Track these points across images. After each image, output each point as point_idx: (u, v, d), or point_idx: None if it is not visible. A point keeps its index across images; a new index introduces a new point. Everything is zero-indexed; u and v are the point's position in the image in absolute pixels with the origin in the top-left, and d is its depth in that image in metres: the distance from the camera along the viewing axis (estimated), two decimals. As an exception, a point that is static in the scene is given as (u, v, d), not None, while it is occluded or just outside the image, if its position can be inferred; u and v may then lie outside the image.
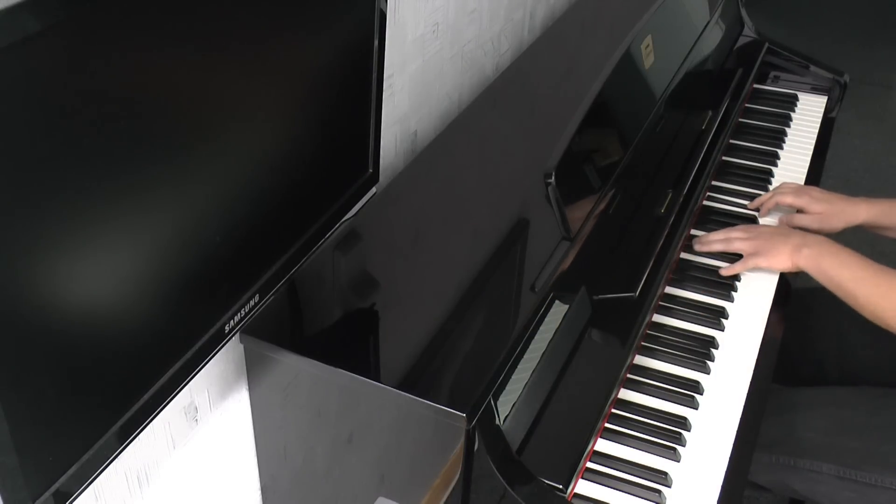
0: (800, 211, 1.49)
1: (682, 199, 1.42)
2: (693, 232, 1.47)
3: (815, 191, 1.49)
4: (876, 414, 1.33)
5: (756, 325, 1.30)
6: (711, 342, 1.27)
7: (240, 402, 1.16)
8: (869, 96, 3.33)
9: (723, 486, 1.08)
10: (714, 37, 1.80)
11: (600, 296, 1.23)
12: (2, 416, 0.65)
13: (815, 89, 1.88)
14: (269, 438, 1.19)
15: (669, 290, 1.36)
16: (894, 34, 3.83)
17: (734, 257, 1.39)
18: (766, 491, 1.42)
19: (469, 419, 0.95)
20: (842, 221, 1.45)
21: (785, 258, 1.33)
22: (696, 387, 1.20)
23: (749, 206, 1.54)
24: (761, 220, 1.51)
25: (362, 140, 1.11)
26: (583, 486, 1.06)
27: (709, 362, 1.24)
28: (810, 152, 1.71)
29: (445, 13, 1.45)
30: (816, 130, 1.77)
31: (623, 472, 1.08)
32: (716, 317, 1.31)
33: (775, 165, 1.66)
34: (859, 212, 1.44)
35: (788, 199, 1.48)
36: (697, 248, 1.41)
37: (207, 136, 0.81)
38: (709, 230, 1.48)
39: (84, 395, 0.75)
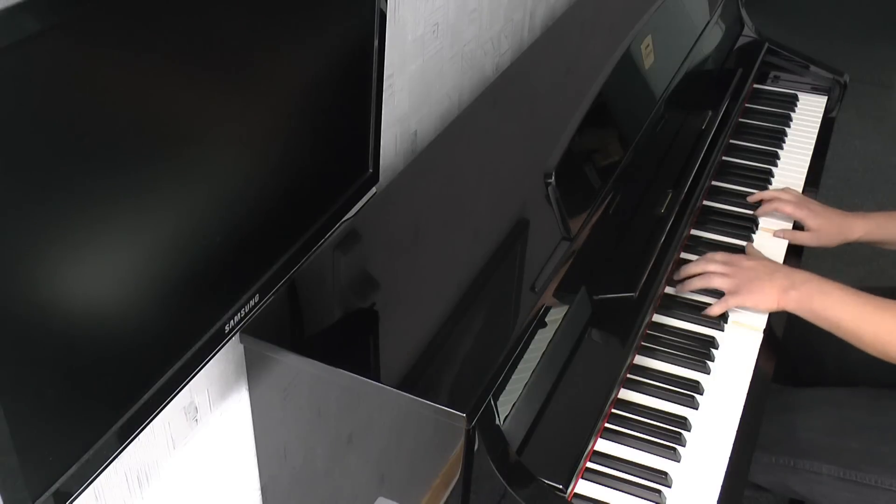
0: (796, 223, 1.49)
1: (682, 199, 1.42)
2: (693, 232, 1.47)
3: (814, 204, 1.49)
4: (876, 414, 1.33)
5: (756, 326, 1.30)
6: (711, 342, 1.27)
7: (240, 402, 1.16)
8: (869, 96, 3.33)
9: (723, 487, 1.08)
10: (714, 37, 1.80)
11: (600, 296, 1.23)
12: (2, 416, 0.65)
13: (815, 89, 1.88)
14: (269, 438, 1.19)
15: (669, 290, 1.36)
16: (894, 34, 3.83)
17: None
18: (766, 491, 1.42)
19: (469, 419, 0.95)
20: (838, 238, 1.45)
21: (770, 300, 1.28)
22: (696, 387, 1.20)
23: (748, 199, 1.54)
24: (759, 220, 1.51)
25: (362, 140, 1.11)
26: (583, 486, 1.06)
27: (709, 362, 1.24)
28: (810, 152, 1.71)
29: (445, 13, 1.45)
30: (816, 130, 1.77)
31: (623, 472, 1.08)
32: (716, 317, 1.31)
33: (775, 165, 1.66)
34: (855, 228, 1.45)
35: (788, 210, 1.48)
36: (677, 290, 1.35)
37: (208, 135, 0.80)
38: (709, 230, 1.48)
39: (84, 395, 0.75)
